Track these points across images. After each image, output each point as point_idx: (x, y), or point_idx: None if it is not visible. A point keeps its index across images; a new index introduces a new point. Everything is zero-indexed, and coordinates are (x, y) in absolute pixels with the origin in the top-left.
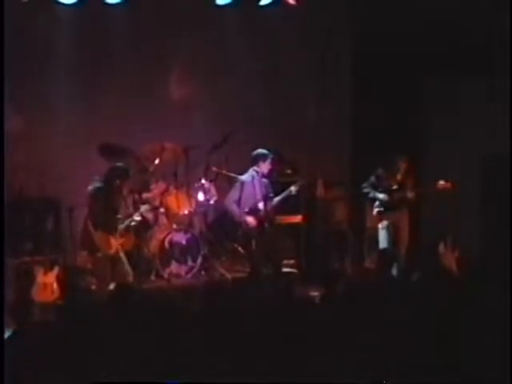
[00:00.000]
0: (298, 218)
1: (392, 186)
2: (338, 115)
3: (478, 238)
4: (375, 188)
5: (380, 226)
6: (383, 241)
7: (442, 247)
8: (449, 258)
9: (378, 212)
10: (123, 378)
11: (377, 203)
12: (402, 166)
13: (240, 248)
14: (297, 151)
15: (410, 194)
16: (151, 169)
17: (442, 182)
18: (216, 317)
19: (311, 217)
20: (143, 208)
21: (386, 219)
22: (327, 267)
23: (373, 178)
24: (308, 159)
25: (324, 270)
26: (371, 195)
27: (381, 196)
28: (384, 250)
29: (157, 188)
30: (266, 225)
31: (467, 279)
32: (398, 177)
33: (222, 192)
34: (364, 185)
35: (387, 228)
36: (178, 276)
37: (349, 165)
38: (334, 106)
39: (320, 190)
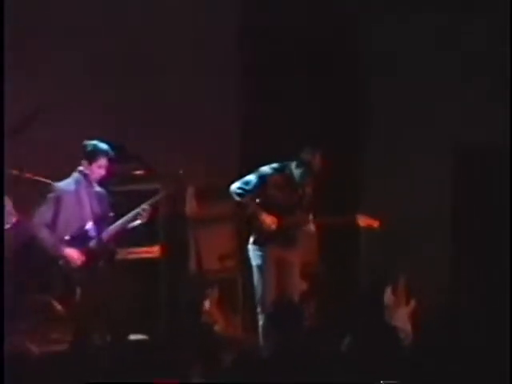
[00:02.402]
0: (154, 251)
1: (289, 201)
2: (222, 91)
3: (445, 278)
4: (264, 202)
5: (254, 263)
6: (258, 285)
7: (389, 295)
8: (400, 312)
9: (255, 241)
10: None
11: (256, 227)
12: (313, 168)
13: (57, 303)
14: (155, 144)
15: (310, 223)
16: None
17: (364, 218)
18: None
19: (176, 249)
20: None
21: (271, 251)
22: (204, 329)
23: (257, 182)
24: (173, 156)
25: (199, 333)
26: (249, 211)
27: (266, 221)
28: (261, 298)
29: None
30: (101, 263)
31: (428, 342)
32: (300, 190)
33: (28, 209)
34: (239, 192)
35: (262, 264)
36: None
37: (238, 164)
38: (215, 78)
39: (191, 205)
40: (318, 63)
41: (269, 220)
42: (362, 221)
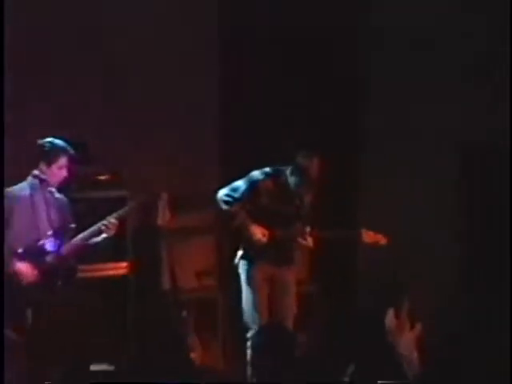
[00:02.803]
0: (121, 268)
1: (283, 211)
2: (204, 87)
3: (456, 297)
4: (255, 212)
5: (242, 281)
6: (247, 307)
7: (390, 318)
8: (404, 337)
9: (243, 256)
10: None
11: (246, 240)
12: (310, 174)
13: (10, 332)
14: (123, 144)
15: (307, 236)
16: None
17: (369, 233)
18: None
19: (147, 265)
20: None
21: (262, 268)
22: (179, 357)
23: (246, 189)
24: (144, 158)
25: (173, 363)
26: (237, 222)
27: (256, 233)
28: (250, 322)
29: None
30: (59, 281)
31: (438, 375)
32: (296, 199)
33: None
34: (227, 200)
35: (252, 284)
36: None
37: (222, 168)
38: (197, 74)
39: (164, 214)
40: (314, 60)
41: (260, 232)
42: (368, 236)
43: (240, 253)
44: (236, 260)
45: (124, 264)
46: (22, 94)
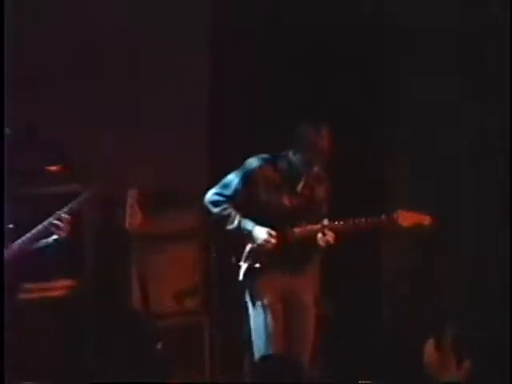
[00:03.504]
0: (78, 286)
1: (290, 203)
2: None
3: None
4: (254, 210)
5: (250, 302)
6: (257, 335)
7: (430, 349)
8: (448, 376)
9: (248, 269)
10: None
11: (248, 247)
12: (319, 149)
13: None
14: (82, 130)
15: (326, 230)
16: None
17: (407, 213)
18: None
19: (111, 282)
20: None
21: (272, 281)
22: None
23: (240, 182)
24: (106, 141)
25: None
26: (233, 226)
27: (261, 234)
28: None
29: None
30: None
31: None
32: (304, 185)
33: None
34: (216, 200)
35: (262, 307)
36: None
37: (209, 163)
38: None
39: (133, 215)
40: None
41: (265, 232)
42: (406, 218)
43: (244, 265)
44: (240, 276)
45: (80, 281)
46: None
